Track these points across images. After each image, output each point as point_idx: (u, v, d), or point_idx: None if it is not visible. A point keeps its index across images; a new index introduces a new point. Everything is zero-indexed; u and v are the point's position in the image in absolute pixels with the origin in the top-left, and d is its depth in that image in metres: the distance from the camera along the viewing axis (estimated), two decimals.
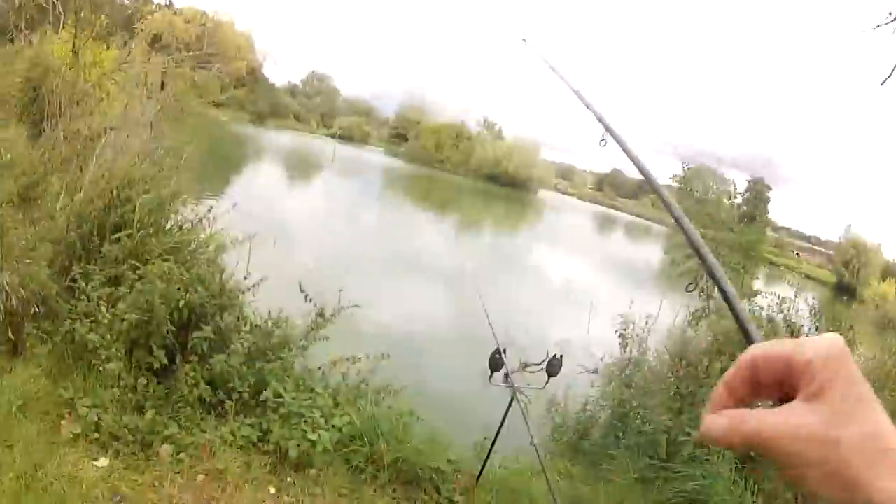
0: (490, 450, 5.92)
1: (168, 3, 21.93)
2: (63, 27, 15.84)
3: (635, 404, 8.15)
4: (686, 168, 19.43)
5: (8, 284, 5.56)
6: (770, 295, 9.83)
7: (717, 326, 9.84)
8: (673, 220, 1.37)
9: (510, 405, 5.54)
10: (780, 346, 0.72)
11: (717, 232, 17.28)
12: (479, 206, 50.74)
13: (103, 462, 4.67)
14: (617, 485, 7.05)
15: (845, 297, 52.82)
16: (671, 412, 7.55)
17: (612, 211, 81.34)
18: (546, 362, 5.78)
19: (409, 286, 15.22)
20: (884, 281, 53.90)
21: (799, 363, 0.69)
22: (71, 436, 4.80)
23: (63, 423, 4.92)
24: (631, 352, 9.22)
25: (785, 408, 0.69)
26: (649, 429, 7.45)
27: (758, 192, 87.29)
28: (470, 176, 69.18)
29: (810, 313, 9.50)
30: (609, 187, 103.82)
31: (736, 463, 6.64)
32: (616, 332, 9.32)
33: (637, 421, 7.84)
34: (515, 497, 5.96)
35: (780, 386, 0.71)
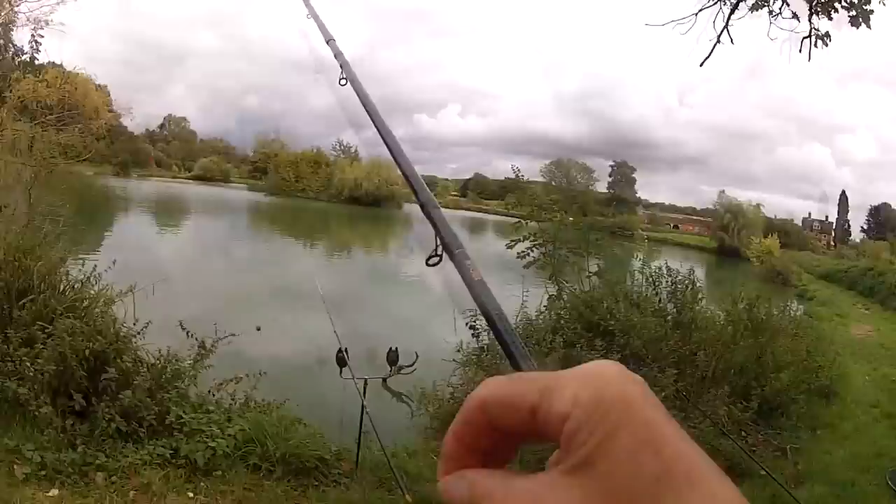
0: (360, 438, 7.14)
1: (31, 63, 21.71)
2: None
3: None
4: (547, 164, 20.32)
5: None
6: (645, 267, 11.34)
7: (556, 305, 11.19)
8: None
9: (363, 399, 6.75)
10: (518, 388, 0.47)
11: (590, 217, 18.65)
12: (345, 229, 51.11)
13: (54, 492, 5.71)
14: None
15: (730, 259, 55.72)
16: None
17: (479, 214, 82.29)
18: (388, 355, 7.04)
19: (286, 312, 16.18)
20: (766, 238, 55.65)
21: (551, 418, 0.45)
22: (23, 476, 5.81)
23: (15, 466, 5.90)
24: (480, 339, 10.16)
25: (538, 479, 0.46)
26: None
27: (623, 175, 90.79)
28: (332, 200, 69.21)
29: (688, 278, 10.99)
30: (473, 192, 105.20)
31: None
32: (467, 324, 10.02)
33: None
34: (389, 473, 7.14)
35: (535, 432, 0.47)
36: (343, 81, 1.87)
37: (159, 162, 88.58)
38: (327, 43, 2.09)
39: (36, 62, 22.13)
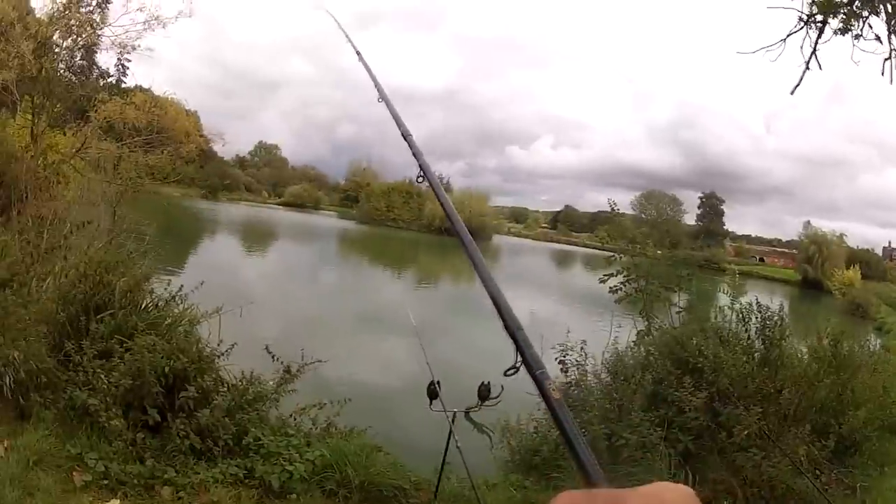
0: (442, 468, 6.82)
1: (118, 85, 22.16)
2: (20, 112, 16.25)
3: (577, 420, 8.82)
4: (637, 196, 20.07)
5: (16, 359, 6.51)
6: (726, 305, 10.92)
7: (646, 341, 10.81)
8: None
9: (451, 429, 6.47)
10: (595, 501, 0.57)
11: (683, 251, 18.29)
12: (434, 259, 51.22)
13: (115, 502, 5.53)
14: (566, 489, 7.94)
15: (813, 292, 54.52)
16: (608, 421, 8.44)
17: (568, 247, 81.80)
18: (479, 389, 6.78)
19: (370, 340, 16.08)
20: (848, 269, 54.74)
21: None
22: (83, 483, 5.65)
23: (75, 473, 5.75)
24: (569, 374, 9.67)
25: None
26: (588, 438, 8.25)
27: (712, 207, 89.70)
28: (423, 230, 69.72)
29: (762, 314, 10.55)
30: (562, 224, 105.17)
31: (672, 456, 7.67)
32: (556, 359, 9.53)
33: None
34: None
35: None
36: (420, 179, 1.91)
37: (249, 187, 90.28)
38: (405, 138, 2.04)
39: (123, 85, 22.54)
